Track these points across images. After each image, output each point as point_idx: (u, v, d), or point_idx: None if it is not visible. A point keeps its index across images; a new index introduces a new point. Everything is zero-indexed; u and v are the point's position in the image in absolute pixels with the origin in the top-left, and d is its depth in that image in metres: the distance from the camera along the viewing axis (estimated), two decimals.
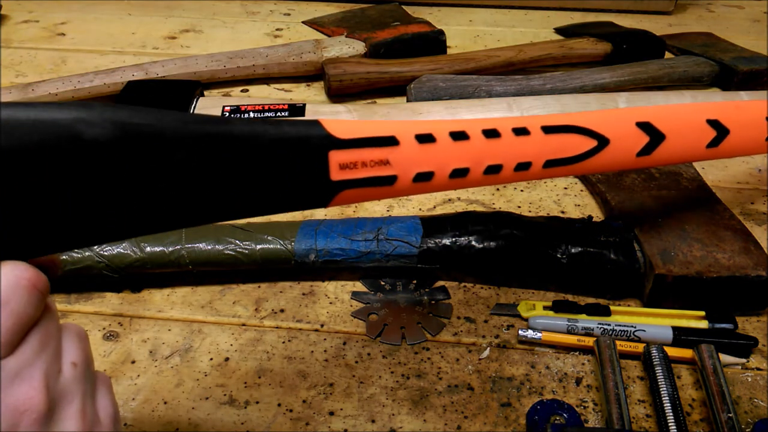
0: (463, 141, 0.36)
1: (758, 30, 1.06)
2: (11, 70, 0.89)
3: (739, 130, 0.50)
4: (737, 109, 0.51)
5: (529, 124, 0.40)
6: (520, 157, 0.39)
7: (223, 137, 0.28)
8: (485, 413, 0.43)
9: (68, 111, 0.25)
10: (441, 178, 0.36)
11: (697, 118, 0.48)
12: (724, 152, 0.50)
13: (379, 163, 0.33)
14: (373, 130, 0.33)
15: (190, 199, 0.28)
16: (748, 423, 0.42)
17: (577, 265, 0.50)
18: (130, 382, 0.45)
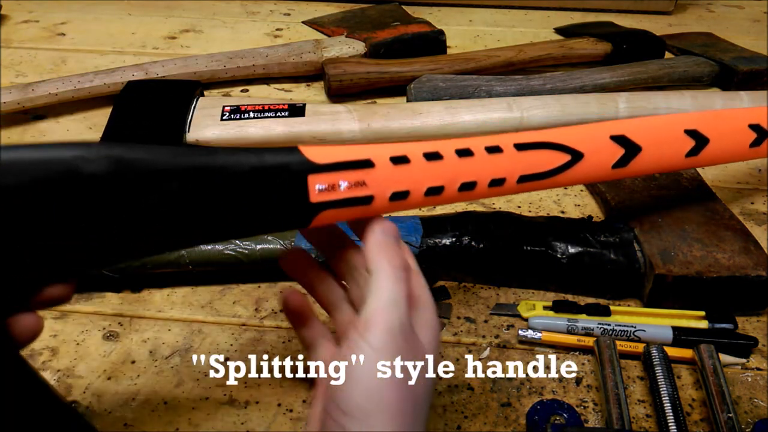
0: (437, 161, 0.38)
1: (758, 30, 1.06)
2: (11, 70, 0.89)
3: (719, 138, 0.51)
4: (717, 118, 0.52)
5: (501, 142, 0.41)
6: (493, 173, 0.40)
7: (209, 168, 0.31)
8: (485, 413, 0.43)
9: (69, 150, 0.28)
10: (416, 196, 0.37)
11: (675, 129, 0.49)
12: (705, 161, 0.51)
13: (356, 184, 0.35)
14: (349, 154, 0.35)
15: (180, 224, 0.31)
16: (748, 423, 0.42)
17: (577, 265, 0.50)
18: (130, 382, 0.45)
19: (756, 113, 0.53)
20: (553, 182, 0.44)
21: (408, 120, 0.70)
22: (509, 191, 0.42)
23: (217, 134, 0.70)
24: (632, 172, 0.47)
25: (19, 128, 0.76)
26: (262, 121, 0.71)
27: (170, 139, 0.68)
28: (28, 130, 0.75)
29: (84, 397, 0.44)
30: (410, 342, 0.31)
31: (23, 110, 0.75)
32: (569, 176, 0.44)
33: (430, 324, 0.34)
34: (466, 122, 0.71)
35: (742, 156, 0.54)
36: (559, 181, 0.44)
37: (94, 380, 0.45)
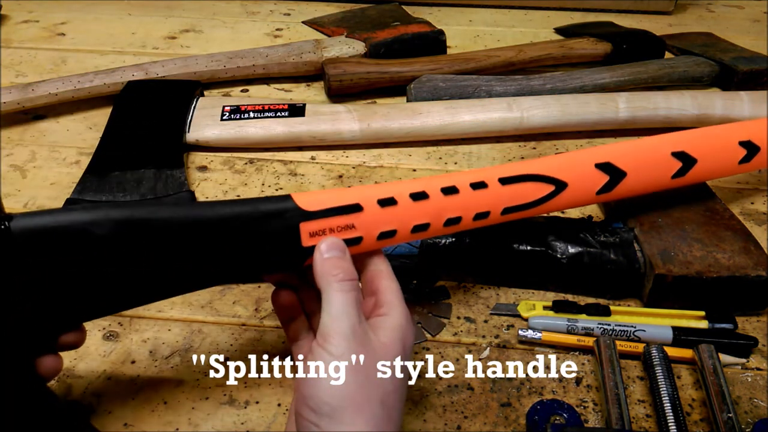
0: (423, 200, 0.40)
1: (758, 30, 1.06)
2: (11, 70, 0.89)
3: (707, 158, 0.51)
4: (705, 137, 0.52)
5: (486, 177, 0.43)
6: (477, 208, 0.42)
7: (207, 221, 0.35)
8: (485, 413, 0.43)
9: (80, 214, 0.33)
10: (403, 233, 0.40)
11: (661, 152, 0.49)
12: (692, 180, 0.51)
13: (345, 228, 0.38)
14: (339, 200, 0.38)
15: (182, 273, 0.36)
16: (748, 423, 0.42)
17: (576, 265, 0.50)
18: (130, 382, 0.45)
19: (747, 128, 0.54)
20: (537, 211, 0.46)
21: (408, 120, 0.70)
22: (494, 222, 0.44)
23: (217, 134, 0.70)
24: (617, 196, 0.48)
25: (19, 128, 0.76)
26: (262, 121, 0.71)
27: (170, 139, 0.68)
28: (28, 130, 0.75)
29: (84, 397, 0.44)
30: (366, 345, 0.34)
31: (23, 110, 0.75)
32: (553, 205, 0.46)
33: (395, 326, 0.36)
34: (466, 122, 0.70)
35: (731, 172, 0.54)
36: (543, 210, 0.46)
37: (94, 380, 0.45)
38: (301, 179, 0.67)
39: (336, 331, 0.34)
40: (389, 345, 0.35)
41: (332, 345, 0.34)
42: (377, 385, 0.33)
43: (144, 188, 0.63)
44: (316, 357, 0.34)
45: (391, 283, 0.39)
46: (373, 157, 0.71)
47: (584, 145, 0.73)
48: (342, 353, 0.33)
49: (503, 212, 0.44)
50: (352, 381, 0.33)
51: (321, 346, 0.34)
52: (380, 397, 0.33)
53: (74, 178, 0.66)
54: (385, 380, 0.34)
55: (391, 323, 0.36)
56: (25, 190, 0.65)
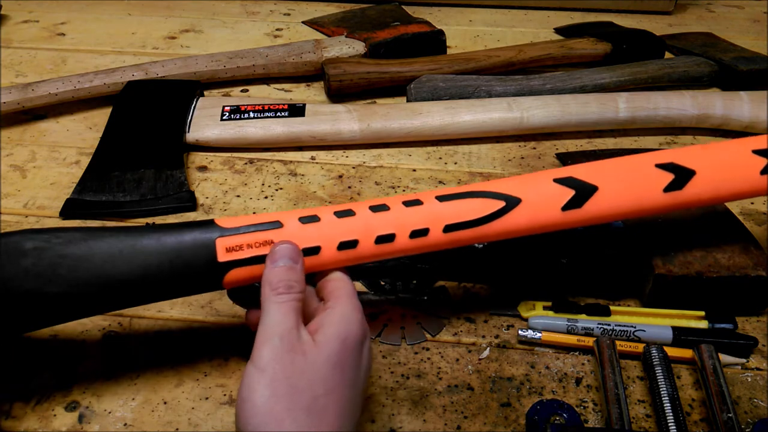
0: (348, 217, 0.40)
1: (758, 30, 1.06)
2: (11, 70, 0.89)
3: (710, 168, 0.44)
4: (704, 148, 0.46)
5: (422, 195, 0.41)
6: (413, 225, 0.40)
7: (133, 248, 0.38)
8: (485, 413, 0.43)
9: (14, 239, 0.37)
10: (328, 251, 0.40)
11: (644, 164, 0.44)
12: (695, 196, 0.44)
13: (264, 243, 0.39)
14: (259, 219, 0.39)
15: (109, 294, 0.38)
16: (748, 423, 0.42)
17: (577, 265, 0.50)
18: (130, 382, 0.45)
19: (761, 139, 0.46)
20: (489, 230, 0.41)
21: (408, 120, 0.70)
22: (439, 242, 0.41)
23: (217, 134, 0.70)
24: (592, 214, 0.43)
25: (19, 128, 0.76)
26: (262, 121, 0.71)
27: (170, 139, 0.68)
28: (28, 130, 0.75)
29: (84, 397, 0.44)
30: (295, 350, 0.34)
31: (23, 110, 0.75)
32: (508, 223, 0.42)
33: (335, 320, 0.36)
34: (466, 122, 0.70)
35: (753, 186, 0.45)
36: (498, 229, 0.42)
37: (94, 380, 0.45)
38: (301, 179, 0.67)
39: (264, 340, 0.34)
40: (323, 344, 0.34)
41: (258, 356, 0.33)
42: (303, 391, 0.32)
43: (144, 188, 0.63)
44: (245, 371, 0.33)
45: (342, 282, 0.39)
46: (373, 157, 0.71)
47: (584, 145, 0.73)
48: (266, 363, 0.33)
49: (445, 230, 0.41)
50: (272, 394, 0.32)
51: (251, 360, 0.34)
52: (306, 404, 0.32)
53: (74, 178, 0.66)
54: (315, 384, 0.33)
55: (332, 318, 0.36)
56: (25, 190, 0.65)
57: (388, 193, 0.65)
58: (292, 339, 0.34)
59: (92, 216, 0.61)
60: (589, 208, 0.43)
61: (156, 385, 0.45)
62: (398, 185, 0.66)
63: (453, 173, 0.68)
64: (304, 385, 0.33)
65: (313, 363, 0.34)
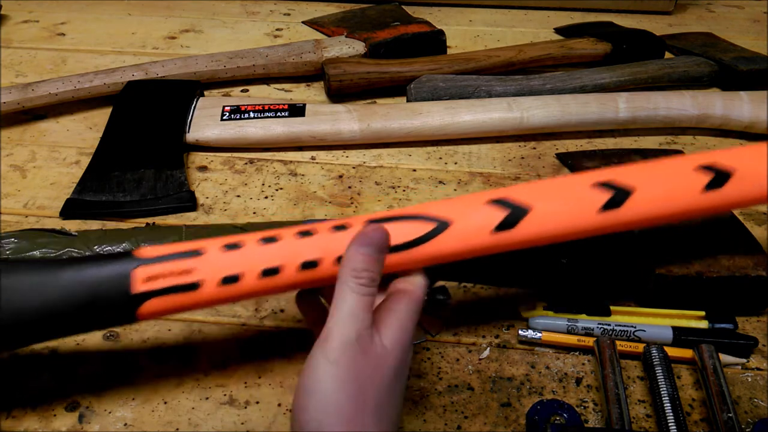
0: (272, 243, 0.38)
1: (758, 30, 1.06)
2: (11, 70, 0.89)
3: (649, 185, 0.40)
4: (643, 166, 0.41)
5: (348, 221, 0.39)
6: (340, 250, 0.38)
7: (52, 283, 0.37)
8: (485, 413, 0.43)
9: None
10: (251, 279, 0.38)
11: (580, 184, 0.41)
12: (633, 216, 0.40)
13: (183, 272, 0.37)
14: (179, 247, 0.38)
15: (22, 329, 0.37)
16: (748, 423, 0.42)
17: (577, 265, 0.50)
18: (130, 382, 0.45)
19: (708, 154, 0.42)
20: (420, 255, 0.39)
21: (408, 120, 0.70)
22: None
23: (217, 134, 0.70)
24: (525, 236, 0.40)
25: (19, 128, 0.76)
26: (262, 121, 0.71)
27: (170, 139, 0.68)
28: (28, 130, 0.75)
29: (84, 397, 0.44)
30: (368, 352, 0.33)
31: (23, 110, 0.75)
32: (437, 246, 0.39)
33: (400, 321, 0.35)
34: (466, 122, 0.70)
35: (696, 205, 0.40)
36: (429, 253, 0.39)
37: (94, 380, 0.45)
38: (301, 179, 0.67)
39: (340, 333, 0.32)
40: (391, 350, 0.33)
41: (331, 349, 0.32)
42: (371, 396, 0.32)
43: (144, 188, 0.63)
44: (312, 358, 0.32)
45: (413, 285, 0.37)
46: (373, 157, 0.71)
47: (584, 145, 0.73)
48: (338, 358, 0.32)
49: None
50: (344, 392, 0.31)
51: (321, 347, 0.32)
52: (373, 408, 0.32)
53: (74, 178, 0.66)
54: (381, 391, 0.32)
55: (396, 323, 0.35)
56: (25, 190, 0.65)
57: (388, 193, 0.65)
58: (366, 339, 0.33)
59: (92, 216, 0.61)
60: (521, 230, 0.39)
61: (156, 385, 0.45)
62: (398, 185, 0.66)
63: (453, 173, 0.68)
64: (372, 390, 0.32)
65: (382, 369, 0.33)
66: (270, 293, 0.39)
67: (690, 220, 0.44)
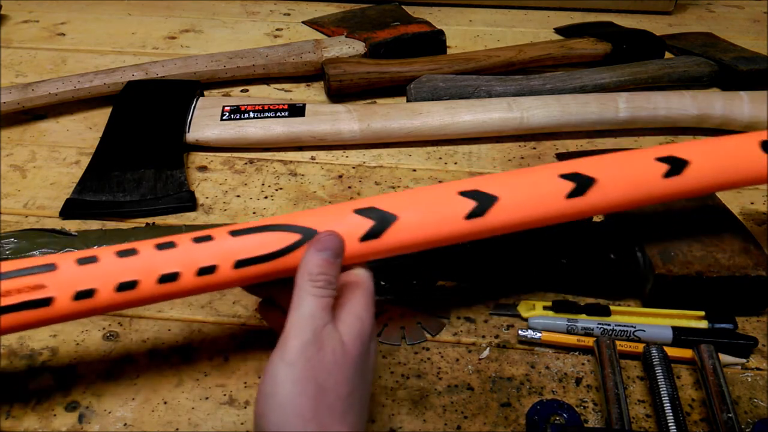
0: (131, 256, 0.38)
1: (758, 30, 1.06)
2: (11, 70, 0.89)
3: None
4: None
5: (215, 231, 0.39)
6: (201, 262, 0.38)
7: None
8: (485, 413, 0.43)
9: None
10: (106, 293, 0.37)
11: (449, 191, 0.42)
12: (494, 221, 0.42)
13: (35, 287, 0.36)
14: (31, 262, 0.37)
15: None
16: (747, 423, 0.42)
17: (577, 265, 0.50)
18: (130, 382, 0.45)
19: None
20: (286, 262, 0.39)
21: (408, 120, 0.70)
22: (229, 279, 0.39)
23: (217, 134, 0.70)
24: (391, 245, 0.40)
25: (19, 128, 0.76)
26: (262, 121, 0.71)
27: (170, 139, 0.68)
28: (28, 130, 0.75)
29: (84, 397, 0.44)
30: (327, 350, 0.33)
31: (23, 110, 0.75)
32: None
33: (355, 313, 0.35)
34: (466, 122, 0.70)
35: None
36: (294, 263, 0.38)
37: (94, 380, 0.45)
38: (301, 179, 0.67)
39: (296, 333, 0.33)
40: (349, 344, 0.34)
41: (288, 349, 0.32)
42: (329, 391, 0.32)
43: (144, 188, 0.63)
44: (270, 363, 0.32)
45: (360, 277, 0.38)
46: (373, 157, 0.71)
47: (584, 145, 0.73)
48: (296, 358, 0.32)
49: (236, 266, 0.38)
50: (300, 392, 0.31)
51: (278, 351, 0.33)
52: (331, 405, 0.32)
53: (74, 178, 0.66)
54: (340, 385, 0.32)
55: (350, 316, 0.35)
56: (25, 190, 0.65)
57: (388, 193, 0.65)
58: (324, 337, 0.33)
59: (92, 216, 0.61)
60: (387, 239, 0.40)
61: (156, 385, 0.45)
62: (398, 185, 0.66)
63: (453, 173, 0.68)
64: (332, 385, 0.32)
65: (342, 363, 0.33)
66: (128, 307, 0.38)
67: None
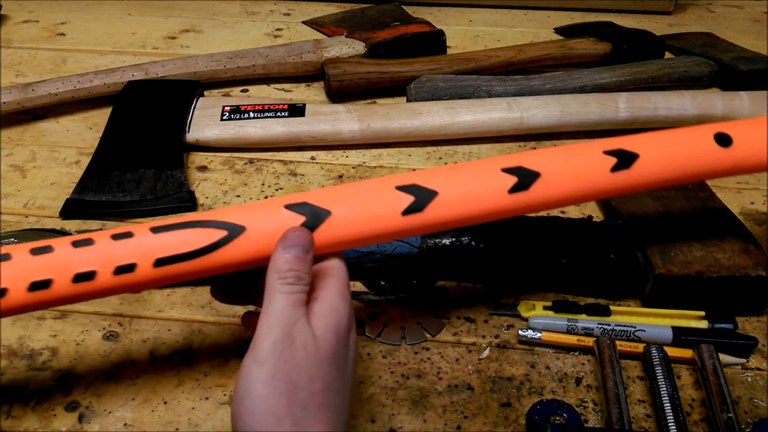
0: (45, 254, 0.36)
1: (758, 30, 1.06)
2: (11, 70, 0.89)
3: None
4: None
5: (135, 228, 0.38)
6: (119, 260, 0.37)
7: None
8: (485, 413, 0.43)
9: None
10: (18, 293, 0.35)
11: (385, 186, 0.40)
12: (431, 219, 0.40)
13: None
14: None
15: None
16: (748, 423, 0.42)
17: (577, 265, 0.50)
18: (130, 382, 0.45)
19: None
20: (212, 261, 0.37)
21: (408, 120, 0.70)
22: (149, 279, 0.37)
23: (216, 134, 0.70)
24: (330, 240, 0.39)
25: (19, 128, 0.76)
26: (262, 121, 0.71)
27: (170, 139, 0.68)
28: (28, 130, 0.75)
29: (84, 397, 0.44)
30: (298, 346, 0.32)
31: (23, 110, 0.75)
32: (231, 254, 0.38)
33: (329, 305, 0.35)
34: (466, 122, 0.70)
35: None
36: (219, 261, 0.37)
37: (94, 380, 0.45)
38: (301, 179, 0.67)
39: (266, 333, 0.32)
40: (321, 338, 0.33)
41: (258, 349, 0.32)
42: (302, 387, 0.31)
43: (144, 188, 0.63)
44: (243, 365, 0.32)
45: (333, 269, 0.37)
46: (373, 157, 0.71)
47: None
48: (266, 358, 0.31)
49: (156, 264, 0.37)
50: (272, 391, 0.31)
51: (250, 352, 0.32)
52: (305, 401, 0.31)
53: (74, 178, 0.66)
54: (314, 380, 0.32)
55: (324, 309, 0.34)
56: (25, 190, 0.65)
57: None
58: (295, 333, 0.32)
59: (92, 216, 0.61)
60: (324, 232, 0.38)
61: (156, 385, 0.45)
62: None
63: None
64: (304, 381, 0.32)
65: (314, 358, 0.32)
66: (40, 308, 0.37)
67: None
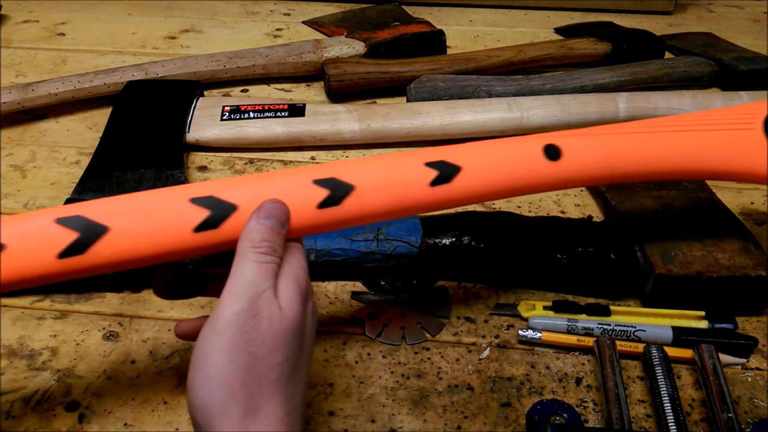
0: None
1: (758, 30, 1.06)
2: (11, 70, 0.89)
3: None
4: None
5: None
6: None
7: None
8: (485, 413, 0.43)
9: None
10: None
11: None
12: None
13: None
14: None
15: None
16: (748, 423, 0.42)
17: (577, 265, 0.50)
18: (130, 382, 0.45)
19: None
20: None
21: (408, 120, 0.70)
22: None
23: (216, 134, 0.70)
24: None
25: (19, 128, 0.76)
26: (262, 121, 0.71)
27: (170, 139, 0.68)
28: (28, 130, 0.75)
29: (84, 397, 0.44)
30: (262, 317, 0.31)
31: (23, 110, 0.75)
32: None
33: (292, 274, 0.34)
34: (466, 122, 0.70)
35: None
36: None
37: (94, 380, 0.45)
38: None
39: (231, 301, 0.31)
40: (286, 308, 0.32)
41: (218, 318, 0.30)
42: (261, 359, 0.30)
43: (144, 188, 0.62)
44: (201, 335, 0.30)
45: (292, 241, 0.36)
46: None
47: None
48: (226, 327, 0.30)
49: None
50: (229, 362, 0.29)
51: (209, 321, 0.30)
52: (262, 374, 0.30)
53: (74, 178, 0.66)
54: (275, 352, 0.30)
55: (286, 279, 0.33)
56: (25, 190, 0.65)
57: None
58: (261, 303, 0.31)
59: None
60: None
61: (156, 385, 0.45)
62: None
63: None
64: (265, 353, 0.30)
65: (278, 329, 0.31)
66: None
67: None
